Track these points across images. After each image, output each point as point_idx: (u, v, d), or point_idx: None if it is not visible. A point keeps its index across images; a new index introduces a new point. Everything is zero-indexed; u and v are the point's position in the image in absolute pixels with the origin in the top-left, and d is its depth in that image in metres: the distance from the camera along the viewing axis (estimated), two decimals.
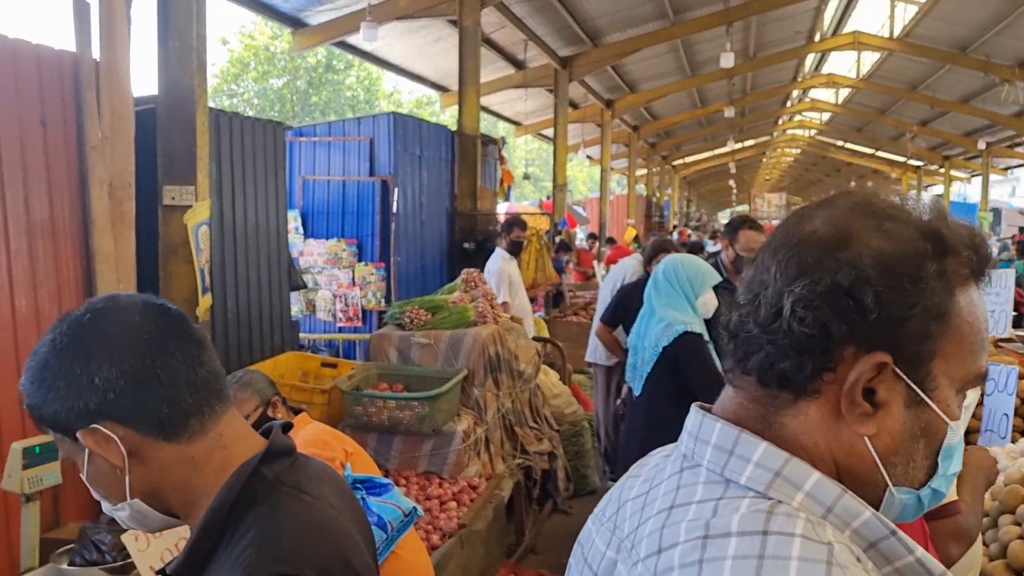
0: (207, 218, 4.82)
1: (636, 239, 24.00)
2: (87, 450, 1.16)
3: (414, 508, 2.98)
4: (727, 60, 12.69)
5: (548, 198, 15.28)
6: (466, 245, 9.52)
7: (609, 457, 6.96)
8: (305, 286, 6.45)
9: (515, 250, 7.67)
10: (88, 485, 1.22)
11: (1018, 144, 24.90)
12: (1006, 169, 32.50)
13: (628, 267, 6.98)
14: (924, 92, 21.96)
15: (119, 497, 1.19)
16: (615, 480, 4.64)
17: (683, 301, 3.93)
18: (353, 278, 8.36)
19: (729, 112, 18.86)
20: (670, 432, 3.31)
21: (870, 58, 22.34)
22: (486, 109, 17.05)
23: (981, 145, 24.42)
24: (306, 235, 8.49)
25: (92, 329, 1.16)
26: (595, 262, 13.96)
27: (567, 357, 7.68)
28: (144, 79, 5.25)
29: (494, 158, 10.89)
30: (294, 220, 8.37)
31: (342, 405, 4.88)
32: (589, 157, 26.22)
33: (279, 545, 1.09)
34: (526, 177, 16.92)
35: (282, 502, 1.16)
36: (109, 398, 1.13)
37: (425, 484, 4.65)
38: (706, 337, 3.90)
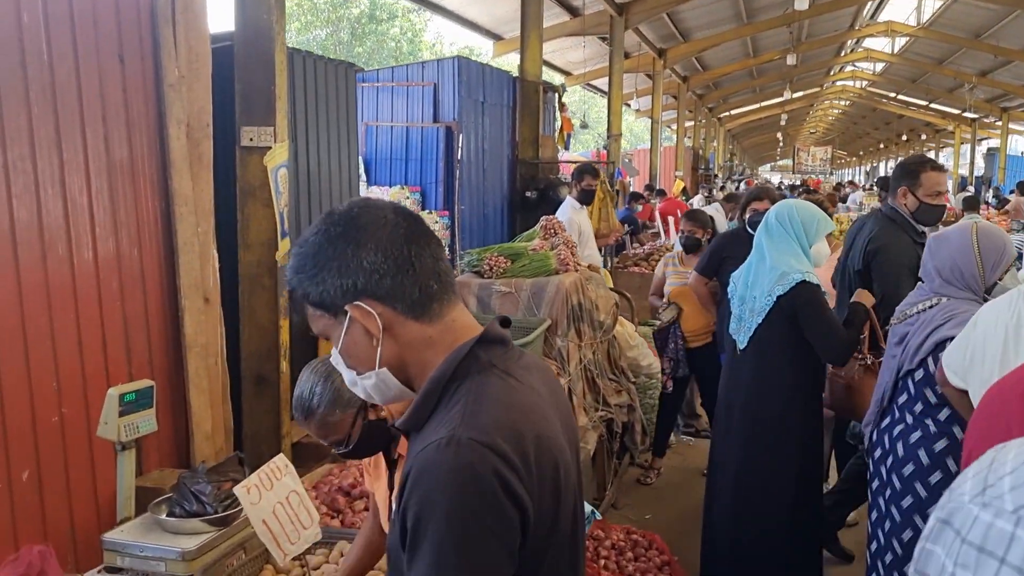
0: (286, 160, 4.65)
1: (684, 191, 23.65)
2: (346, 324, 1.34)
3: (592, 512, 2.83)
4: (802, 2, 12.21)
5: (604, 148, 14.95)
6: (528, 194, 9.30)
7: (683, 411, 6.80)
8: None
9: (586, 199, 7.44)
10: (340, 356, 1.39)
11: None
12: None
13: None
14: (987, 40, 21.17)
15: (369, 366, 1.37)
16: (691, 435, 4.43)
17: (797, 248, 3.68)
18: None
19: (791, 59, 18.25)
20: (781, 387, 3.08)
21: (931, 5, 21.59)
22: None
23: None
24: (369, 182, 8.33)
25: (360, 221, 1.33)
26: (656, 214, 13.68)
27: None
28: (221, 15, 5.08)
29: (553, 106, 10.62)
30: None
31: None
32: (637, 109, 25.78)
33: (479, 416, 1.24)
34: (584, 126, 16.46)
35: (490, 380, 1.32)
36: (374, 279, 1.31)
37: None
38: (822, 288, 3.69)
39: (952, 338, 2.72)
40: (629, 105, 25.60)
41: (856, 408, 3.81)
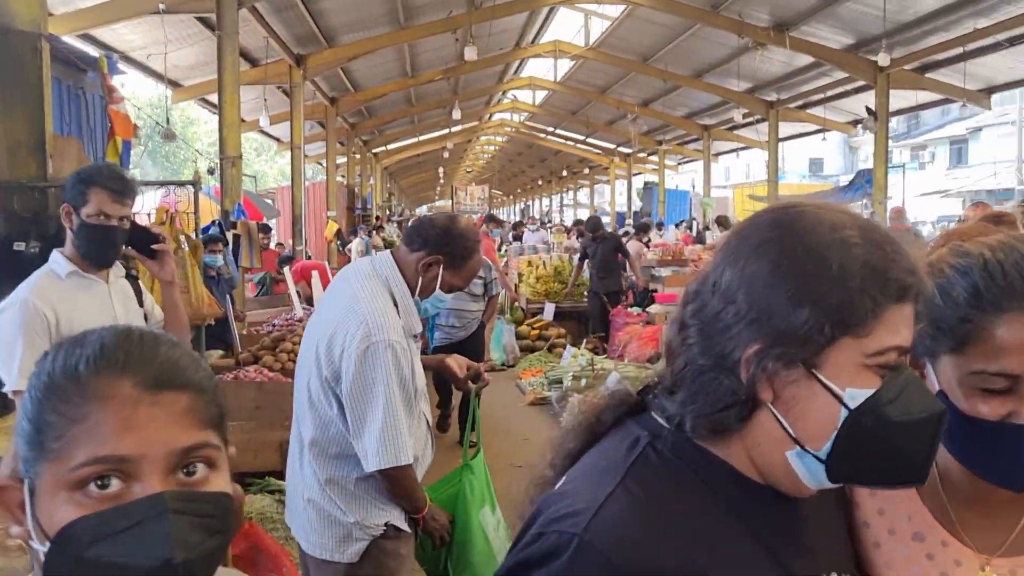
0: None
1: (338, 234, 19.63)
2: None
3: None
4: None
5: (213, 178, 10.43)
6: (19, 246, 4.80)
7: None
8: None
9: (94, 254, 3.09)
10: None
11: (744, 125, 23.08)
12: (717, 155, 31.49)
13: (352, 301, 2.72)
14: (655, 65, 19.48)
15: None
16: None
17: None
18: None
19: (470, 53, 14.76)
20: None
21: (600, 26, 19.64)
22: (128, 57, 11.90)
23: (741, 116, 21.36)
24: None
25: None
26: (285, 270, 9.22)
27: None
28: None
29: (93, 92, 6.10)
30: None
31: None
32: (268, 134, 21.45)
33: None
34: (170, 137, 11.35)
35: None
36: None
37: None
38: None
39: None
40: (268, 133, 21.25)
41: None
